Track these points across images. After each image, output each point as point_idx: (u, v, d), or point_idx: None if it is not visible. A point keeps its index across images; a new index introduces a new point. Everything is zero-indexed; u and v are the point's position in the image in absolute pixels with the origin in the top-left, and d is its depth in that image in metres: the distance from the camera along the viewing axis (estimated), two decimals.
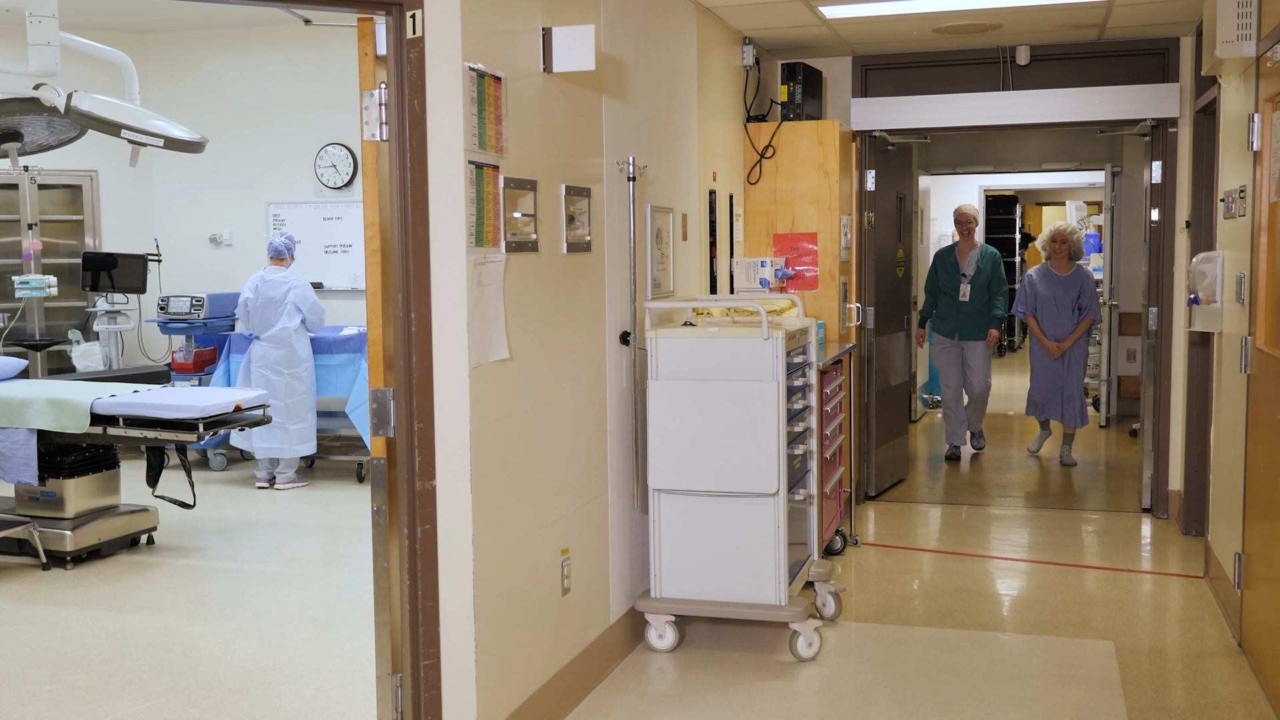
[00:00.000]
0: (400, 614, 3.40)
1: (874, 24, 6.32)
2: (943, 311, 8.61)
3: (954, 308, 8.51)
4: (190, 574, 5.81)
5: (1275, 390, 4.03)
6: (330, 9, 3.27)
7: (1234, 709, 4.08)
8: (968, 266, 8.49)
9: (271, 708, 4.10)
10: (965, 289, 8.45)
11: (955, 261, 8.54)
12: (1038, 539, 6.43)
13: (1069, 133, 10.40)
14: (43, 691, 4.28)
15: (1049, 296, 8.28)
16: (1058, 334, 8.26)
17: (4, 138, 6.87)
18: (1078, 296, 8.22)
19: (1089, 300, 8.26)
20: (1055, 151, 10.60)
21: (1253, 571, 4.43)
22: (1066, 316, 8.24)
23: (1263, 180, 4.27)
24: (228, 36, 8.96)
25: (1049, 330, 8.29)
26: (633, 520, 4.71)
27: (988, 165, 11.08)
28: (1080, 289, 8.23)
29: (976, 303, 8.46)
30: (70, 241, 9.02)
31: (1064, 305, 8.24)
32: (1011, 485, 7.85)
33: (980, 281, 8.47)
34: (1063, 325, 8.25)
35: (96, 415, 5.67)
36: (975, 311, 8.46)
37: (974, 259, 8.51)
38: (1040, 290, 8.33)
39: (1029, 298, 8.36)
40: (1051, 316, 8.28)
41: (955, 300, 8.50)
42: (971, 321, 8.50)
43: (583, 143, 4.22)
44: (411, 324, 3.30)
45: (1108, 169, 10.24)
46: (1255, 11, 4.44)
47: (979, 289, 8.46)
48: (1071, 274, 8.30)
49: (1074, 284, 8.27)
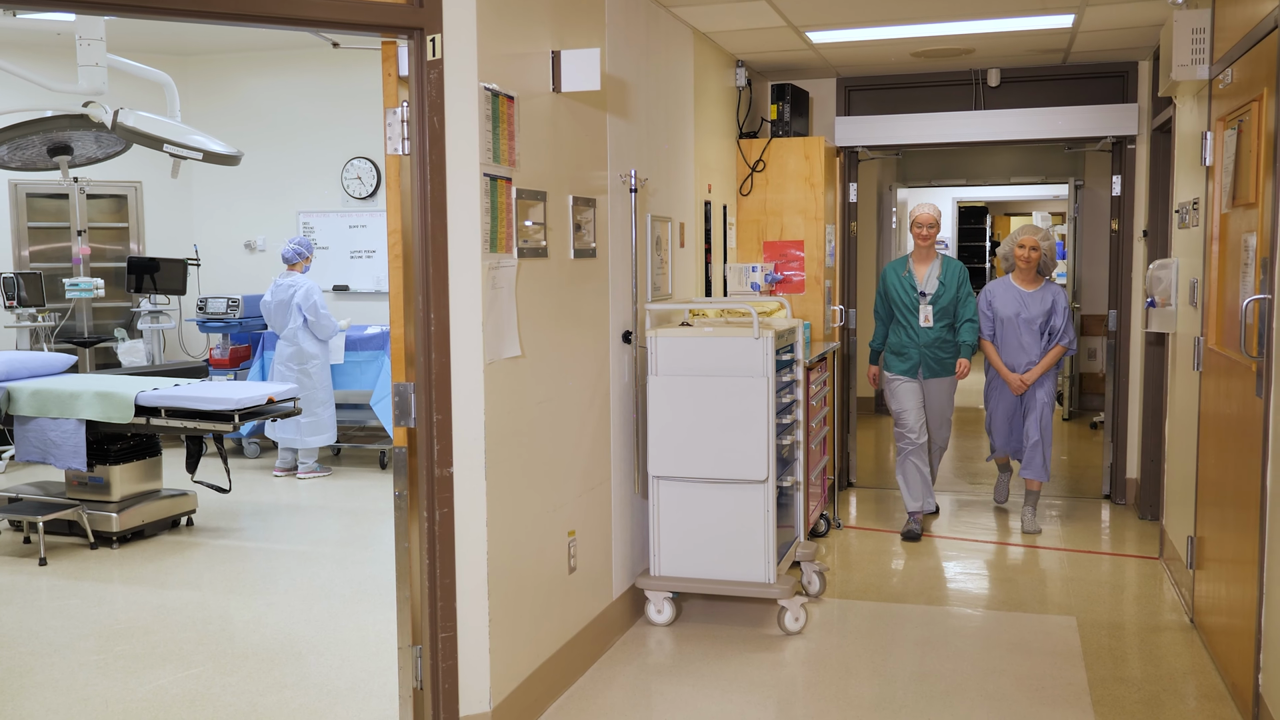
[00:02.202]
0: (420, 590, 3.40)
1: (856, 48, 6.31)
2: (897, 343, 6.18)
3: (912, 337, 6.15)
4: (226, 553, 5.81)
5: (1225, 386, 4.03)
6: (357, 33, 3.27)
7: (1186, 679, 4.08)
8: (927, 283, 6.12)
9: (301, 676, 4.10)
10: (926, 312, 6.12)
11: (911, 277, 6.16)
12: (1006, 523, 6.43)
13: (1036, 148, 10.41)
14: (91, 661, 4.28)
15: (1011, 318, 6.14)
16: (1022, 363, 6.15)
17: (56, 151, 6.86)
18: (1047, 318, 6.12)
19: (1062, 322, 6.12)
20: (1023, 166, 10.59)
21: (1204, 553, 4.43)
22: (1032, 342, 6.13)
23: (1214, 193, 4.27)
24: (262, 58, 8.95)
25: (1010, 358, 6.17)
26: (634, 504, 4.70)
27: (961, 179, 11.07)
28: (1051, 308, 6.12)
29: (941, 329, 6.14)
30: (116, 247, 9.02)
31: (1030, 328, 6.12)
32: (982, 474, 7.84)
33: (944, 301, 6.11)
34: (1028, 353, 6.14)
35: (140, 407, 5.67)
36: (939, 340, 6.12)
37: (934, 273, 6.12)
38: (1000, 309, 6.17)
39: (986, 319, 6.22)
40: (1013, 342, 6.16)
41: (913, 328, 6.15)
42: (936, 353, 6.13)
43: (588, 157, 4.21)
44: (431, 323, 3.30)
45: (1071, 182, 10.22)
46: (1208, 38, 4.44)
47: (943, 311, 6.12)
48: (1040, 289, 6.16)
49: (1043, 302, 6.13)
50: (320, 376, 7.59)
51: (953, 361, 6.17)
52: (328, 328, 7.53)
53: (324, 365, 7.63)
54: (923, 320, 6.12)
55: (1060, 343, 6.12)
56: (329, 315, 7.56)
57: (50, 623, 4.72)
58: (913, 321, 6.14)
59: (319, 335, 7.55)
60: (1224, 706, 3.81)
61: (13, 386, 5.95)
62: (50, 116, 6.63)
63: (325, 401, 7.61)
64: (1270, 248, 3.39)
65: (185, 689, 3.98)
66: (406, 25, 3.22)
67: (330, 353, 7.70)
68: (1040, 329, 6.13)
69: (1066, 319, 6.15)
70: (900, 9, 5.34)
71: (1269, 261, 3.41)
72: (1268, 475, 3.41)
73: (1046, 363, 6.13)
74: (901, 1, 5.18)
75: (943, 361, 6.16)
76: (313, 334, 7.53)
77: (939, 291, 6.12)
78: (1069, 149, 8.68)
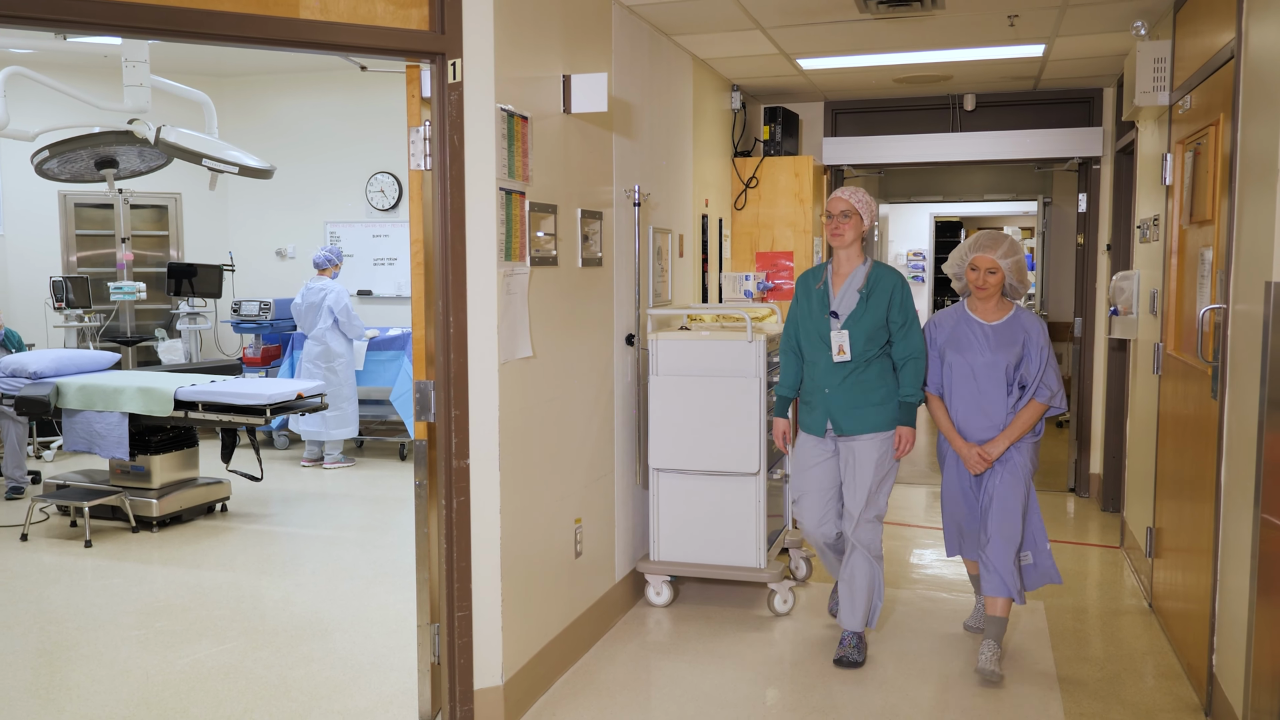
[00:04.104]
0: (438, 572, 3.39)
1: (843, 74, 6.31)
2: (806, 387, 4.00)
3: (818, 378, 3.92)
4: (257, 537, 5.81)
5: (1182, 389, 4.03)
6: (385, 58, 3.27)
7: (1145, 659, 4.08)
8: (841, 299, 3.89)
9: (326, 650, 4.10)
10: (840, 340, 3.83)
11: (825, 292, 3.94)
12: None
13: (1008, 168, 10.41)
14: (132, 636, 4.28)
15: (964, 364, 3.92)
16: (981, 426, 3.92)
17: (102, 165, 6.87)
18: (1017, 361, 3.89)
19: (1039, 366, 3.87)
20: (996, 184, 10.59)
21: (1161, 543, 4.43)
22: (996, 396, 3.89)
23: (1174, 210, 4.27)
24: (293, 80, 8.95)
25: (964, 420, 3.94)
26: (635, 494, 4.70)
27: (938, 195, 11.06)
28: (1023, 348, 3.89)
29: (863, 366, 3.85)
30: (157, 253, 9.02)
31: (992, 376, 3.90)
32: None
33: (868, 325, 3.83)
34: (989, 413, 3.91)
35: (179, 401, 5.67)
36: (860, 380, 3.85)
37: (855, 283, 3.88)
38: (950, 349, 3.97)
39: (934, 363, 4.00)
40: (968, 397, 3.93)
41: (820, 364, 3.91)
42: (853, 398, 3.87)
43: (596, 173, 4.21)
44: (450, 326, 3.30)
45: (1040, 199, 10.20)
46: (1169, 67, 4.44)
47: (869, 339, 3.83)
48: (1007, 320, 3.93)
49: (1010, 339, 3.91)
50: (346, 374, 7.59)
51: (883, 412, 3.85)
52: (357, 328, 7.56)
53: (349, 364, 7.63)
54: (836, 352, 3.82)
55: (1037, 397, 3.83)
56: (357, 316, 7.59)
57: (95, 600, 4.72)
58: (820, 355, 3.89)
59: (349, 335, 7.57)
60: (1180, 685, 3.81)
61: (62, 382, 5.95)
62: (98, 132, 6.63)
63: (350, 397, 7.61)
64: (1225, 261, 3.39)
65: (220, 662, 3.98)
66: (430, 50, 3.22)
67: (354, 357, 7.72)
68: (1007, 377, 3.86)
69: (1044, 361, 3.84)
70: (883, 39, 5.34)
71: (1224, 274, 3.41)
72: (1222, 471, 3.41)
73: (1017, 428, 3.83)
74: (884, 32, 5.19)
75: (865, 412, 3.85)
76: (342, 334, 7.55)
77: (858, 311, 3.82)
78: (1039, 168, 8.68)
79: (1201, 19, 3.94)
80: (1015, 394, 3.90)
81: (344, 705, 3.60)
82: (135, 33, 2.90)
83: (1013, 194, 10.49)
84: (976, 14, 4.83)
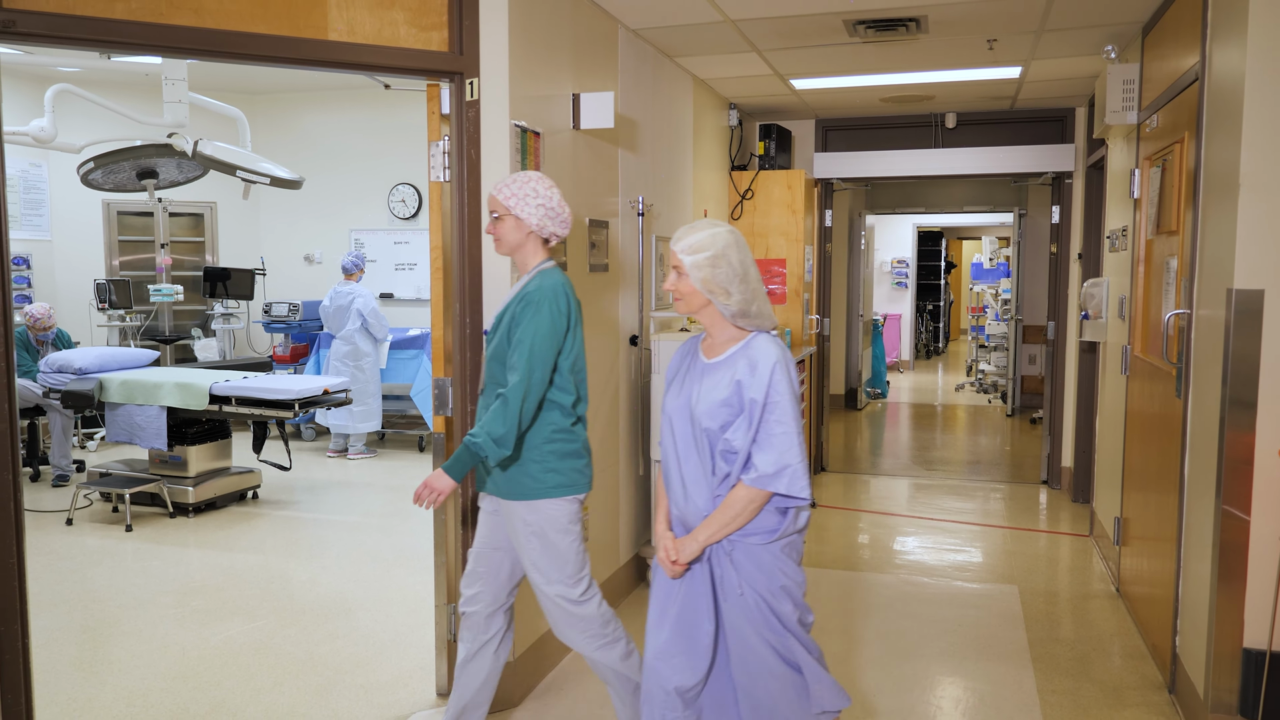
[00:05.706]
0: (454, 556, 3.40)
1: (833, 94, 6.31)
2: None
3: None
4: (286, 523, 5.82)
5: (1148, 388, 4.03)
6: (407, 77, 3.27)
7: (1112, 640, 4.07)
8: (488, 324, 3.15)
9: (350, 628, 4.11)
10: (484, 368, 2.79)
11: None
12: (957, 504, 6.42)
13: (986, 182, 10.41)
14: (169, 614, 4.28)
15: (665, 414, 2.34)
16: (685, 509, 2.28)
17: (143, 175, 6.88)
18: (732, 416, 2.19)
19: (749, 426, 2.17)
20: (975, 197, 10.59)
21: (1128, 532, 4.43)
22: (692, 466, 2.26)
23: (1141, 222, 4.27)
24: (321, 97, 8.96)
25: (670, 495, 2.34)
26: (637, 484, 4.70)
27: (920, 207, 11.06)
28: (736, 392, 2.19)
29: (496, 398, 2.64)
30: (194, 258, 9.02)
31: (694, 439, 2.26)
32: (937, 460, 7.84)
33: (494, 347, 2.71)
34: (690, 495, 2.27)
35: (214, 396, 5.67)
36: None
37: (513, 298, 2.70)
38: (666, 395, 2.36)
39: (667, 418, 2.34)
40: (669, 463, 2.32)
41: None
42: None
43: (602, 185, 4.21)
44: (467, 327, 3.30)
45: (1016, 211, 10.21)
46: (1137, 88, 4.44)
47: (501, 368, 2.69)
48: (729, 355, 2.25)
49: (727, 380, 2.22)
50: (371, 372, 7.61)
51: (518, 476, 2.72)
52: (383, 329, 7.58)
53: (375, 362, 7.64)
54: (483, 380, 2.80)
55: (743, 477, 2.21)
56: (384, 317, 7.62)
57: (135, 581, 4.72)
58: None
59: (375, 334, 7.58)
60: (1145, 664, 3.81)
61: (104, 377, 5.96)
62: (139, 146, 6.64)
63: (374, 393, 7.62)
64: (1189, 269, 3.39)
65: (251, 639, 3.99)
66: (449, 70, 3.23)
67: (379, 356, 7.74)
68: (709, 441, 2.25)
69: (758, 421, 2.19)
70: (871, 61, 5.34)
71: (1188, 281, 3.41)
72: (1185, 465, 3.41)
73: (718, 521, 2.24)
74: (872, 55, 5.19)
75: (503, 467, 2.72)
76: (369, 334, 7.56)
77: (493, 328, 2.75)
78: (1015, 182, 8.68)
79: (1168, 44, 3.93)
80: (722, 468, 2.24)
81: (366, 679, 3.61)
82: (176, 53, 2.90)
83: (990, 206, 10.49)
84: (958, 38, 4.83)
